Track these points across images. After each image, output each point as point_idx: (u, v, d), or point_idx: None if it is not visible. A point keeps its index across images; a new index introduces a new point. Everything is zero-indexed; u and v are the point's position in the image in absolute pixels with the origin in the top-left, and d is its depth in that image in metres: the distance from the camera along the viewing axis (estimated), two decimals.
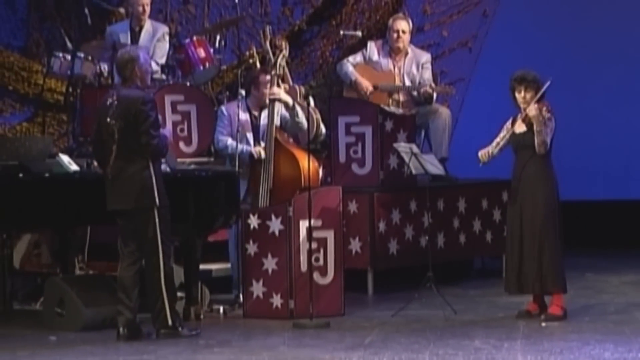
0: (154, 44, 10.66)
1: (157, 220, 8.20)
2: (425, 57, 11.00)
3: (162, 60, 10.71)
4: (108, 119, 8.22)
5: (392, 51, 10.82)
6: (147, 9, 10.70)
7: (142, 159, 8.21)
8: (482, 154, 8.94)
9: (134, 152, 8.20)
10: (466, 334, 8.33)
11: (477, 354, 7.72)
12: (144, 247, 8.27)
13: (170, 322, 8.27)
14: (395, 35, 10.74)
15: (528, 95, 8.77)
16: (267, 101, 9.49)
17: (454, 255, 10.70)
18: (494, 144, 8.91)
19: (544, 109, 8.74)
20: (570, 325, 8.58)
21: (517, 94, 8.83)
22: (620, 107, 12.56)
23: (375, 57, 10.94)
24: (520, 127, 8.88)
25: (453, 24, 11.64)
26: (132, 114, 8.16)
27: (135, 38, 10.67)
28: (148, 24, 10.73)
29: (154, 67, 10.65)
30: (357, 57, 10.99)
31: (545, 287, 8.78)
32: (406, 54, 10.88)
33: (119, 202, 8.29)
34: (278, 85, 9.69)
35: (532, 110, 8.72)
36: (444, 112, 10.98)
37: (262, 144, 9.62)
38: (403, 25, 10.74)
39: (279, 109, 9.52)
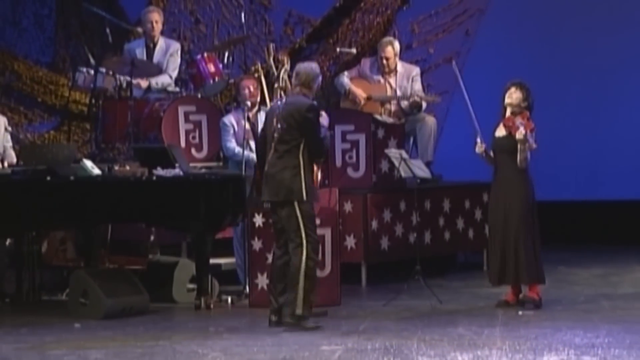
0: (167, 59, 10.65)
1: (301, 214, 8.14)
2: (415, 70, 11.02)
3: (175, 74, 10.70)
4: (274, 120, 8.22)
5: (383, 71, 10.88)
6: (157, 26, 10.69)
7: (295, 158, 8.18)
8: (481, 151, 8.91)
9: (288, 152, 8.17)
10: (450, 322, 8.31)
11: (460, 340, 7.71)
12: (289, 238, 8.19)
13: (299, 312, 8.11)
14: (382, 61, 10.83)
15: (515, 95, 8.75)
16: (250, 105, 9.54)
17: (439, 251, 10.69)
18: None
19: (526, 125, 8.69)
20: (544, 314, 8.57)
21: (507, 95, 8.80)
22: (589, 117, 12.55)
23: (368, 72, 10.96)
24: (500, 132, 8.86)
25: (438, 42, 11.62)
26: (296, 119, 8.16)
27: (150, 54, 10.66)
28: (161, 41, 10.73)
29: (168, 80, 10.67)
30: (353, 72, 11.02)
31: (522, 278, 8.77)
32: (396, 70, 10.91)
33: (271, 194, 8.24)
34: (280, 97, 9.71)
35: (520, 134, 8.67)
36: (430, 120, 10.98)
37: None
38: (388, 52, 10.79)
39: None
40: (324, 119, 8.52)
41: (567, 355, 7.20)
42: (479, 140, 8.80)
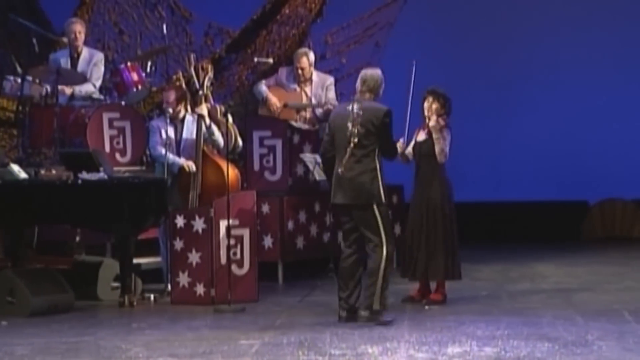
0: (91, 68, 10.57)
1: (380, 215, 8.06)
2: (330, 80, 11.05)
3: (98, 83, 10.61)
4: (349, 124, 8.06)
5: (298, 80, 10.90)
6: (80, 36, 10.60)
7: (372, 161, 8.09)
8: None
9: (366, 156, 8.06)
10: None
11: (370, 333, 7.73)
12: (367, 239, 8.07)
13: (376, 307, 8.01)
14: (298, 71, 10.84)
15: (434, 106, 8.83)
16: (172, 113, 9.49)
17: None
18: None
19: (441, 119, 8.79)
20: (449, 308, 8.64)
21: (425, 104, 8.88)
22: (492, 123, 12.72)
23: (285, 80, 10.97)
24: (421, 136, 8.93)
25: (350, 53, 11.66)
26: (375, 124, 8.05)
27: (74, 63, 10.57)
28: (85, 51, 10.64)
29: (92, 88, 10.58)
30: (270, 80, 11.02)
31: (429, 275, 8.82)
32: (312, 80, 10.93)
33: (350, 197, 8.08)
34: (201, 104, 9.70)
35: (432, 121, 8.79)
36: None
37: (184, 157, 9.60)
38: (303, 62, 10.80)
39: (207, 123, 9.54)
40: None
41: (470, 346, 7.26)
42: (401, 140, 8.82)
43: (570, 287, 9.58)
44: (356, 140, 8.06)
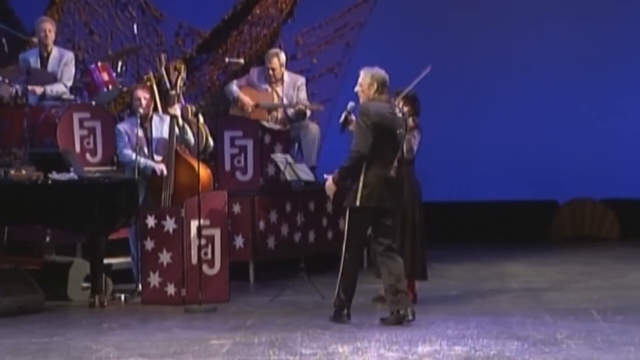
0: (61, 68, 10.52)
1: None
2: (301, 80, 11.06)
3: (69, 83, 10.56)
4: (399, 130, 8.02)
5: (270, 81, 10.90)
6: (50, 35, 10.54)
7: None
8: None
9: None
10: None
11: (341, 332, 7.74)
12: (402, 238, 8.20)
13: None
14: (269, 71, 10.84)
15: (405, 108, 8.84)
16: (143, 112, 9.46)
17: (323, 249, 10.71)
18: None
19: (411, 120, 8.81)
20: (419, 307, 8.63)
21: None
22: (462, 124, 12.76)
23: (256, 81, 10.97)
24: None
25: (321, 53, 11.68)
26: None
27: (44, 63, 10.52)
28: (55, 51, 10.59)
29: (62, 89, 10.52)
30: (242, 80, 11.02)
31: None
32: (283, 80, 10.94)
33: (396, 201, 8.04)
34: (173, 104, 9.68)
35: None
36: (314, 127, 11.03)
37: (159, 157, 9.58)
38: (274, 63, 10.81)
39: (181, 123, 9.53)
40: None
41: (440, 345, 7.29)
42: None
43: (540, 286, 9.63)
44: (402, 145, 8.10)
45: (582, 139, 12.77)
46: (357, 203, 7.98)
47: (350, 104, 8.22)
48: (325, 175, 8.28)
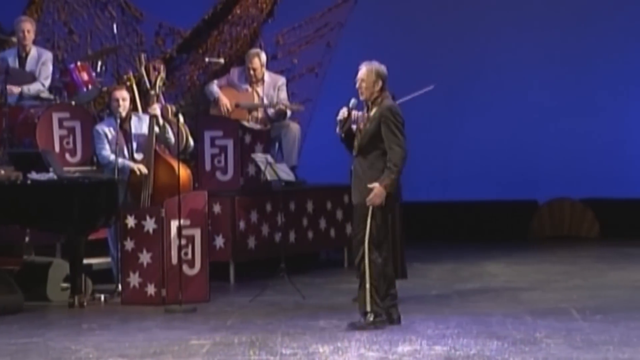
0: (39, 67, 10.49)
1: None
2: (281, 80, 11.05)
3: (47, 82, 10.53)
4: None
5: (250, 81, 10.89)
6: (29, 35, 10.51)
7: None
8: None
9: None
10: (313, 316, 8.34)
11: (321, 333, 7.74)
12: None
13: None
14: (250, 71, 10.84)
15: None
16: (124, 112, 9.44)
17: (303, 249, 10.73)
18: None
19: None
20: (399, 307, 8.64)
21: None
22: (441, 124, 12.77)
23: (237, 80, 10.96)
24: None
25: (302, 53, 11.68)
26: None
27: (22, 63, 10.48)
28: (34, 50, 10.55)
29: (40, 87, 10.48)
30: (222, 80, 11.01)
31: None
32: (263, 80, 10.93)
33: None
34: (153, 104, 9.66)
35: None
36: (294, 127, 11.02)
37: (139, 156, 9.56)
38: (255, 63, 10.81)
39: (161, 122, 9.51)
40: None
41: (420, 345, 7.29)
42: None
43: (519, 286, 9.65)
44: None
45: (561, 138, 12.81)
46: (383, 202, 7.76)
47: (353, 101, 7.98)
48: (372, 185, 7.74)
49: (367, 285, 7.74)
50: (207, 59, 11.18)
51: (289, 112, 11.00)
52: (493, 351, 7.06)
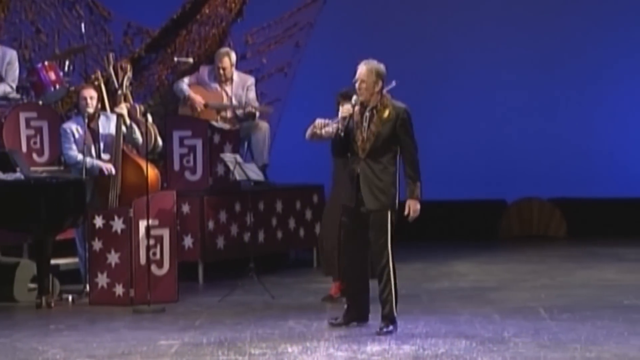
0: (5, 67, 10.42)
1: None
2: (250, 80, 11.04)
3: (14, 83, 10.46)
4: None
5: (220, 80, 10.87)
6: None
7: None
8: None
9: None
10: (282, 316, 8.33)
11: (290, 332, 7.74)
12: None
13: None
14: (219, 70, 10.82)
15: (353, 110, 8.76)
16: (91, 112, 9.39)
17: (272, 249, 10.72)
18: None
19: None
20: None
21: (340, 107, 8.81)
22: (415, 127, 12.75)
23: (206, 79, 10.94)
24: None
25: (271, 53, 11.67)
26: None
27: None
28: None
29: (7, 89, 10.42)
30: (192, 78, 10.98)
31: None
32: (232, 79, 10.92)
33: None
34: (120, 103, 9.62)
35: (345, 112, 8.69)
36: (264, 126, 11.01)
37: (106, 156, 9.52)
38: (225, 62, 10.80)
39: (128, 122, 9.47)
40: None
41: (389, 345, 7.30)
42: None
43: (488, 285, 9.69)
44: None
45: (529, 138, 12.87)
46: (397, 205, 7.66)
47: (355, 98, 7.71)
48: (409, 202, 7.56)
49: (394, 291, 7.59)
50: (175, 59, 11.14)
51: (257, 113, 10.99)
52: (461, 350, 7.08)
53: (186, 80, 10.93)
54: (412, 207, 7.59)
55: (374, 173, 7.57)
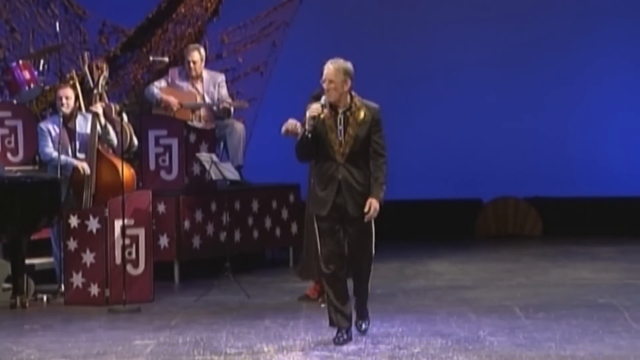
0: None
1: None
2: (221, 77, 11.03)
3: None
4: None
5: (190, 76, 10.86)
6: None
7: None
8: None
9: None
10: (258, 315, 8.33)
11: (266, 332, 7.74)
12: None
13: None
14: (188, 65, 10.80)
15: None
16: (68, 111, 9.36)
17: (248, 248, 10.71)
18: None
19: None
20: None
21: (308, 106, 8.80)
22: (389, 125, 12.78)
23: (176, 81, 10.91)
24: None
25: (247, 52, 11.66)
26: None
27: None
28: None
29: None
30: (162, 82, 10.94)
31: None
32: (202, 77, 10.90)
33: None
34: (95, 102, 9.59)
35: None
36: (239, 126, 11.00)
37: (82, 155, 9.49)
38: (194, 56, 10.78)
39: (102, 122, 9.44)
40: None
41: (365, 344, 7.31)
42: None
43: (464, 284, 9.72)
44: None
45: (504, 137, 12.91)
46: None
47: (324, 98, 7.51)
48: (369, 201, 7.39)
49: (368, 293, 7.55)
50: (151, 58, 11.11)
51: (232, 110, 10.97)
52: (437, 349, 7.10)
53: (157, 84, 10.90)
54: (374, 206, 7.41)
55: (354, 178, 7.41)
